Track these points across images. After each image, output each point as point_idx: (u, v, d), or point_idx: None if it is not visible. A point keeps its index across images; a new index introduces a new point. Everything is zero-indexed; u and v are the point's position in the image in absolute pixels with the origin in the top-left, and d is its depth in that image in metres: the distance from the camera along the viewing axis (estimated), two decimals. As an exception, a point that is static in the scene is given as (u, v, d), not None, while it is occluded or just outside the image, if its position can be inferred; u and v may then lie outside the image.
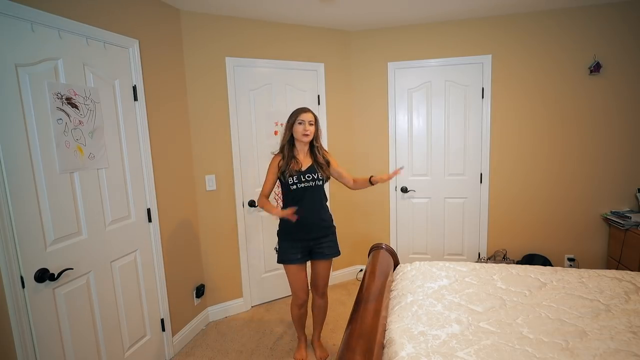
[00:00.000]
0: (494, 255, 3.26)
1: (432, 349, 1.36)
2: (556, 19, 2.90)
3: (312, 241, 2.15)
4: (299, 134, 2.05)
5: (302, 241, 2.13)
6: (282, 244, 2.16)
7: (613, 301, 1.68)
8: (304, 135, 2.05)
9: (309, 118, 2.06)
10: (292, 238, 2.13)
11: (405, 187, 3.38)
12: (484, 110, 3.13)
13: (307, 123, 2.05)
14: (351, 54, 3.32)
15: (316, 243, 2.16)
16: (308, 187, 2.09)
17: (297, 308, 2.26)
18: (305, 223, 2.08)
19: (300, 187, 2.08)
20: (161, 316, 2.36)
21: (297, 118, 2.05)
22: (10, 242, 1.44)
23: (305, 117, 2.05)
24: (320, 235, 2.16)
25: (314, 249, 2.17)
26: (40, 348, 1.55)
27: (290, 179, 2.06)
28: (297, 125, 2.05)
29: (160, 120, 2.36)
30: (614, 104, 2.89)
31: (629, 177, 2.93)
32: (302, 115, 2.05)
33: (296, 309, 2.27)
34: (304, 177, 2.08)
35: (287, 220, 2.05)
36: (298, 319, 2.32)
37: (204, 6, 2.54)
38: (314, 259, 2.21)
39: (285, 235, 2.14)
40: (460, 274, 2.06)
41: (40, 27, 1.58)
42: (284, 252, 2.15)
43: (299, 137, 2.07)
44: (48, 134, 1.59)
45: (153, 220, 2.28)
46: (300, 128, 2.04)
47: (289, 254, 2.13)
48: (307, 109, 2.10)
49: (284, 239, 2.15)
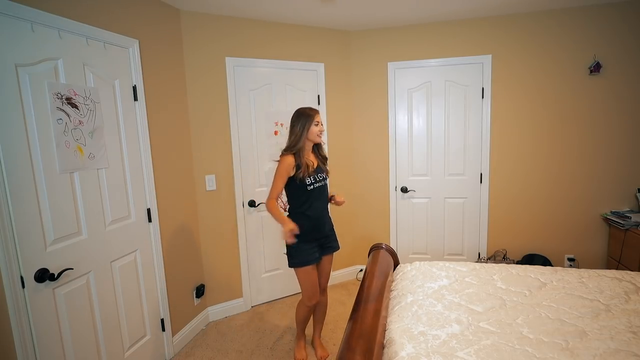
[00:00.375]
0: (494, 255, 3.26)
1: (432, 349, 1.36)
2: (556, 19, 2.90)
3: (323, 238, 2.20)
4: (314, 135, 2.07)
5: (317, 240, 2.16)
6: (300, 246, 2.09)
7: (613, 301, 1.68)
8: (319, 135, 2.09)
9: (320, 118, 2.11)
10: (308, 239, 2.11)
11: (405, 187, 3.38)
12: (484, 110, 3.13)
13: (320, 123, 2.10)
14: (351, 54, 3.32)
15: (326, 239, 2.22)
16: (320, 186, 2.13)
17: (307, 309, 2.23)
18: (319, 222, 2.14)
19: (317, 187, 2.11)
20: (161, 316, 2.36)
21: (314, 119, 2.06)
22: (10, 242, 1.44)
23: (319, 117, 2.10)
24: (328, 231, 2.23)
25: (324, 245, 2.22)
26: (40, 348, 1.55)
27: (308, 179, 2.06)
28: (314, 126, 2.06)
29: (160, 120, 2.36)
30: (614, 104, 2.89)
31: (629, 177, 2.93)
32: (317, 116, 2.09)
33: (306, 310, 2.24)
34: (318, 177, 2.12)
35: (299, 222, 2.05)
36: (305, 319, 2.30)
37: (204, 6, 2.54)
38: (324, 253, 2.23)
39: (302, 236, 2.07)
40: (460, 274, 2.06)
41: (40, 27, 1.58)
42: (304, 253, 2.10)
43: (313, 138, 2.08)
44: (48, 134, 1.59)
45: (153, 220, 2.28)
46: (316, 129, 2.07)
47: (308, 255, 2.11)
48: (317, 109, 2.14)
49: (300, 241, 2.07)
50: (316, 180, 2.10)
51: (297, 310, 2.30)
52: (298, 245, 2.08)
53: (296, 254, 2.11)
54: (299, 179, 2.03)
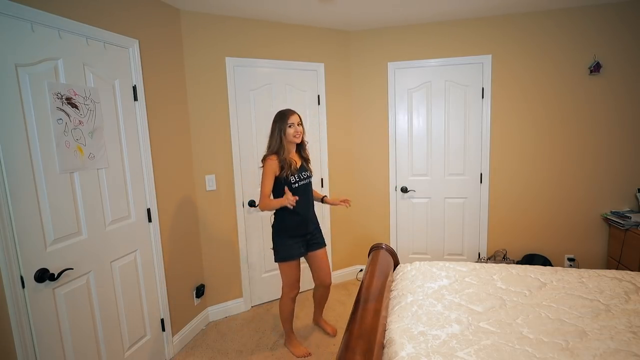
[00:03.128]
0: (494, 255, 3.26)
1: (432, 349, 1.36)
2: (556, 19, 2.90)
3: (308, 235, 2.31)
4: (290, 136, 2.17)
5: (301, 236, 2.27)
6: (284, 242, 2.23)
7: (613, 301, 1.68)
8: (295, 137, 2.17)
9: (296, 120, 2.18)
10: (293, 234, 2.24)
11: (405, 187, 3.38)
12: (484, 110, 3.13)
13: (296, 125, 2.17)
14: (351, 54, 3.32)
15: (312, 236, 2.33)
16: (304, 184, 2.26)
17: (291, 301, 2.33)
18: (303, 218, 2.26)
19: (301, 185, 2.23)
20: (161, 316, 2.36)
21: (287, 121, 2.15)
22: (10, 242, 1.44)
23: (293, 119, 2.17)
24: (313, 228, 2.35)
25: (310, 242, 2.33)
26: (40, 348, 1.55)
27: (292, 177, 2.17)
28: (288, 128, 2.15)
29: (160, 120, 2.36)
30: (613, 103, 2.89)
31: (629, 177, 2.93)
32: (290, 118, 2.16)
33: (290, 303, 2.33)
34: (302, 175, 2.24)
35: (285, 218, 2.20)
36: (289, 313, 2.37)
37: (204, 6, 2.54)
38: (312, 250, 2.34)
39: (286, 232, 2.23)
40: (460, 274, 2.06)
41: (40, 27, 1.58)
42: (288, 248, 2.22)
43: (290, 140, 2.17)
44: (48, 134, 1.59)
45: (153, 220, 2.28)
46: (292, 131, 2.16)
47: (293, 250, 2.23)
48: (292, 110, 2.21)
49: (285, 237, 2.22)
50: (300, 178, 2.22)
51: (281, 306, 2.36)
52: (282, 241, 2.23)
53: (282, 248, 2.23)
54: (283, 177, 2.14)
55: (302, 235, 2.27)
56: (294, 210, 2.14)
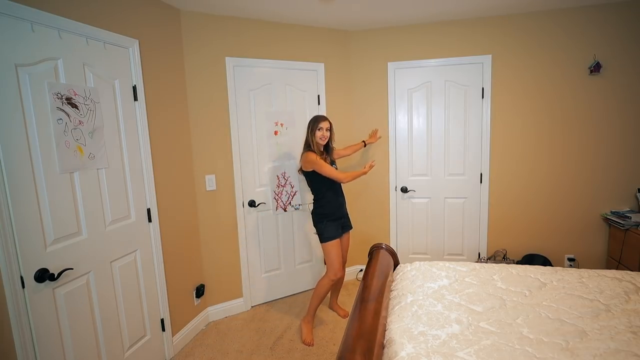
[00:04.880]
0: (494, 255, 3.26)
1: (432, 349, 1.36)
2: (556, 19, 2.90)
3: (344, 218, 2.67)
4: (317, 138, 2.49)
5: (340, 219, 2.62)
6: (328, 224, 2.53)
7: (613, 301, 1.68)
8: (321, 139, 2.50)
9: (326, 125, 2.50)
10: (332, 218, 2.55)
11: (405, 187, 3.38)
12: (484, 110, 3.13)
13: (324, 129, 2.48)
14: (351, 54, 3.32)
15: (345, 219, 2.69)
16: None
17: (330, 284, 2.54)
18: (341, 204, 2.63)
19: None
20: (161, 316, 2.36)
21: (318, 125, 2.48)
22: (10, 242, 1.44)
23: (323, 124, 2.49)
24: (345, 212, 2.69)
25: (344, 224, 2.67)
26: (40, 348, 1.55)
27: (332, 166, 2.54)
28: (317, 131, 2.48)
29: (160, 120, 2.36)
30: (614, 103, 2.89)
31: (629, 177, 2.93)
32: (321, 123, 2.49)
33: (329, 285, 2.54)
34: (335, 167, 2.59)
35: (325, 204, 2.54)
36: (324, 294, 2.56)
37: (204, 6, 2.54)
38: (345, 231, 2.69)
39: (327, 216, 2.54)
40: (460, 274, 2.06)
41: (40, 27, 1.58)
42: (333, 230, 2.53)
43: (317, 140, 2.49)
44: (48, 134, 1.59)
45: (153, 220, 2.28)
46: (319, 133, 2.48)
47: (335, 231, 2.54)
48: (325, 117, 2.53)
49: (330, 220, 2.53)
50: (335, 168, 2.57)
51: (320, 285, 2.56)
52: (327, 224, 2.52)
53: (325, 230, 2.52)
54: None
55: (339, 218, 2.60)
56: (333, 198, 2.53)
